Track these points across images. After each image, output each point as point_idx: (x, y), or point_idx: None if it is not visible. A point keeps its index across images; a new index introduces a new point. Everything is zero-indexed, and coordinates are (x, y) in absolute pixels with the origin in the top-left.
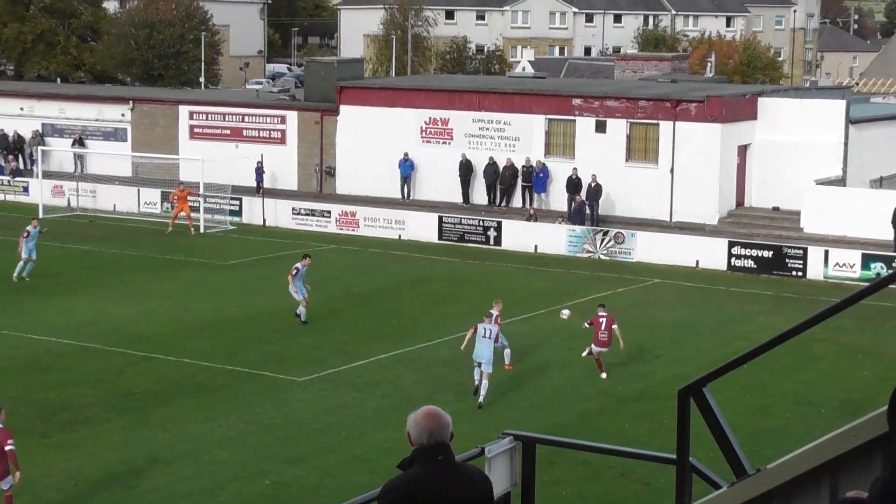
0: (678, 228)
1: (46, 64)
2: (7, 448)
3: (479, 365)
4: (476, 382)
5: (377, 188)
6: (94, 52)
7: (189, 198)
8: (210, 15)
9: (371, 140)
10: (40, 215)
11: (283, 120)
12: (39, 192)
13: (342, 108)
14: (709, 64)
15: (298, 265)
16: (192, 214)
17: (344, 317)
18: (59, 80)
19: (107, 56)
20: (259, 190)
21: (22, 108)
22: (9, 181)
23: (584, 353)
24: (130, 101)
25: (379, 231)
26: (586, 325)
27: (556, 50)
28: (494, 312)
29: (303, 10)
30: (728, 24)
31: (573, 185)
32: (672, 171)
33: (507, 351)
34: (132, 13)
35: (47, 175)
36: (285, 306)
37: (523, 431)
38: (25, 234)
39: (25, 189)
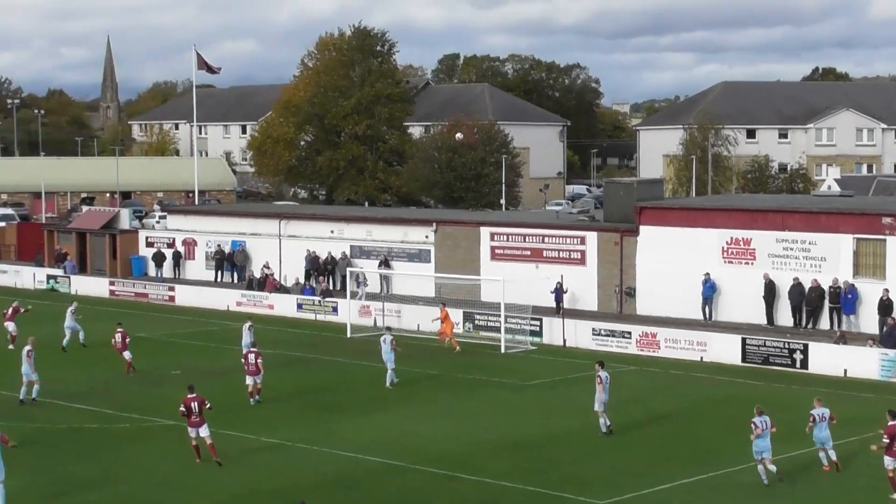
0: None
1: (356, 188)
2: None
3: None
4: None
5: (678, 309)
6: (400, 175)
7: (484, 318)
8: (511, 138)
9: (671, 260)
10: (348, 334)
11: (582, 241)
12: (348, 312)
13: (642, 228)
14: None
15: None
16: (493, 335)
17: (643, 438)
18: (366, 203)
19: (411, 179)
20: (559, 310)
21: (332, 231)
22: (319, 301)
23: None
24: (434, 224)
25: (680, 353)
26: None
27: (864, 167)
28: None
29: (602, 131)
30: None
31: (885, 306)
32: None
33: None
34: (435, 138)
35: (355, 295)
36: (585, 426)
37: None
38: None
39: (335, 309)
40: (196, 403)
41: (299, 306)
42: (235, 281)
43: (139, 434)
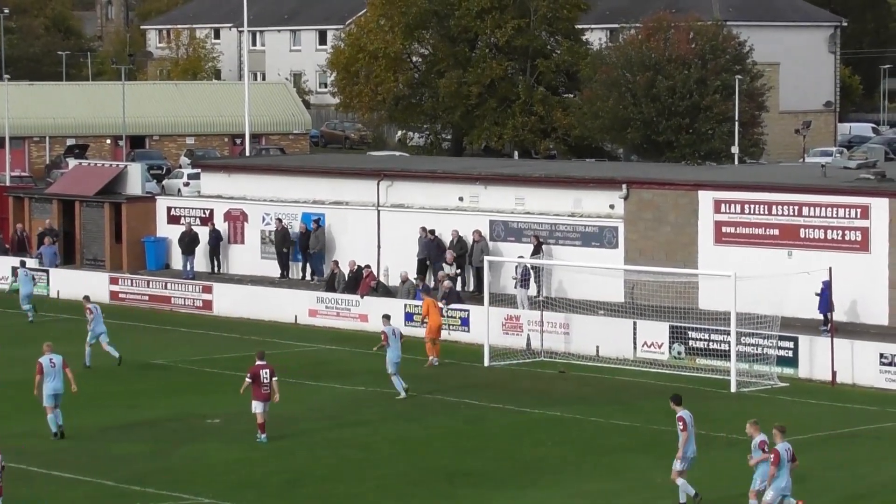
0: None
1: (499, 130)
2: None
3: None
4: None
5: None
6: (569, 109)
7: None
8: (749, 48)
9: None
10: (485, 362)
11: (863, 212)
12: (486, 329)
13: None
14: None
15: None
16: (717, 363)
17: None
18: (516, 153)
19: (588, 115)
20: (827, 323)
21: (461, 199)
22: (443, 308)
23: None
24: (623, 186)
25: None
26: None
27: None
28: None
29: None
30: None
31: None
32: None
33: None
34: (627, 49)
35: (495, 300)
36: None
37: None
38: None
39: (464, 321)
40: (267, 372)
41: (408, 317)
42: (308, 277)
43: None
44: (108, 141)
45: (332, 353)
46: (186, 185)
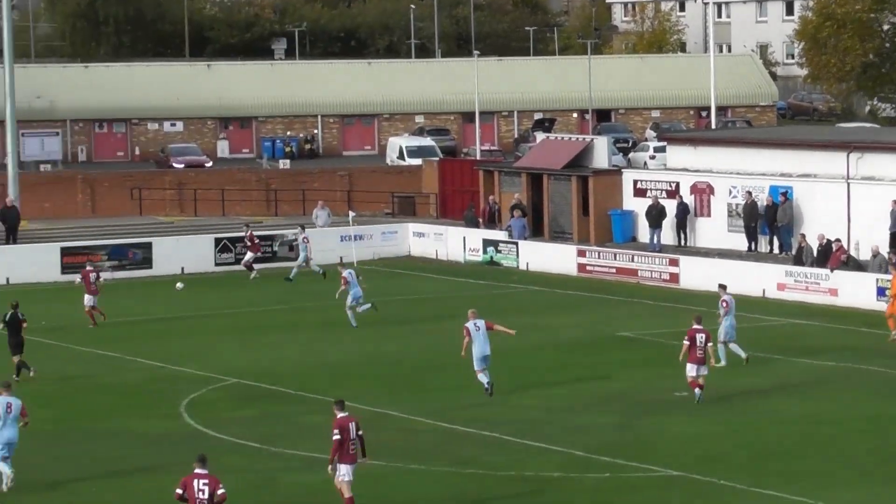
0: None
1: None
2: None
3: None
4: None
5: None
6: None
7: None
8: None
9: None
10: None
11: None
12: None
13: None
14: None
15: None
16: None
17: None
18: None
19: None
20: None
21: None
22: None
23: None
24: None
25: None
26: None
27: None
28: None
29: None
30: None
31: None
32: None
33: None
34: None
35: None
36: None
37: None
38: None
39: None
40: (703, 336)
41: (880, 292)
42: (777, 250)
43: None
44: (575, 115)
45: (801, 328)
46: (652, 157)
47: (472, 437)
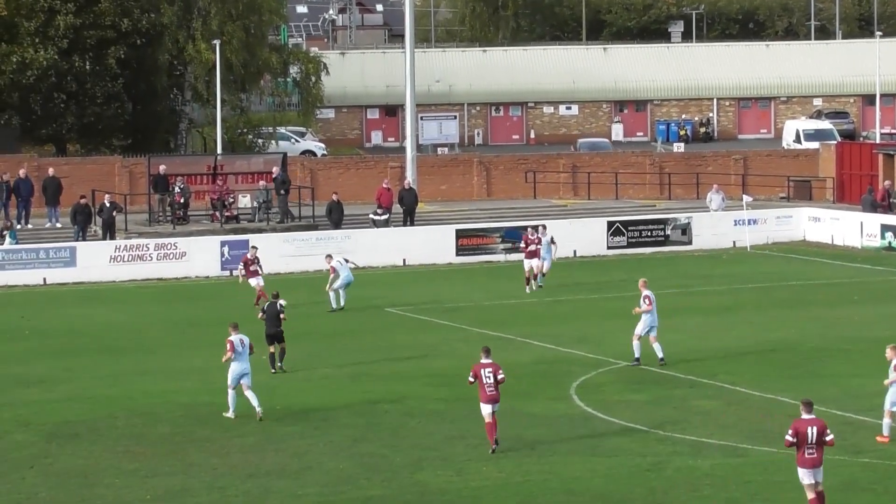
0: None
1: None
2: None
3: None
4: None
5: None
6: None
7: None
8: None
9: None
10: None
11: None
12: None
13: None
14: None
15: None
16: None
17: None
18: None
19: None
20: None
21: None
22: None
23: None
24: None
25: None
26: None
27: None
28: None
29: None
30: None
31: None
32: None
33: None
34: None
35: None
36: None
37: None
38: None
39: None
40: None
41: None
42: None
43: None
44: None
45: None
46: None
47: (867, 426)
